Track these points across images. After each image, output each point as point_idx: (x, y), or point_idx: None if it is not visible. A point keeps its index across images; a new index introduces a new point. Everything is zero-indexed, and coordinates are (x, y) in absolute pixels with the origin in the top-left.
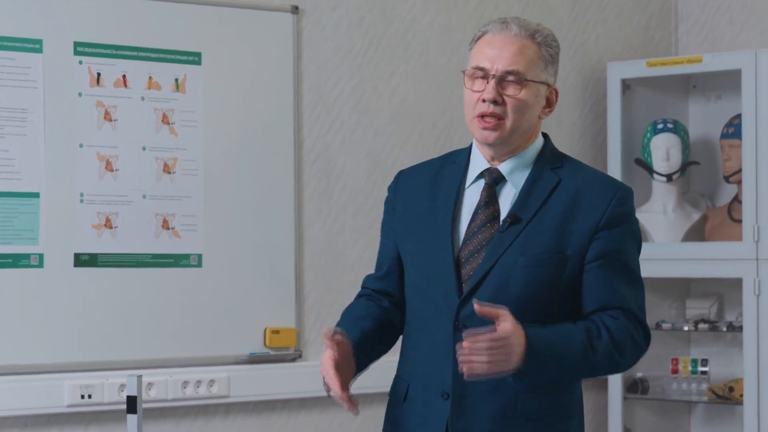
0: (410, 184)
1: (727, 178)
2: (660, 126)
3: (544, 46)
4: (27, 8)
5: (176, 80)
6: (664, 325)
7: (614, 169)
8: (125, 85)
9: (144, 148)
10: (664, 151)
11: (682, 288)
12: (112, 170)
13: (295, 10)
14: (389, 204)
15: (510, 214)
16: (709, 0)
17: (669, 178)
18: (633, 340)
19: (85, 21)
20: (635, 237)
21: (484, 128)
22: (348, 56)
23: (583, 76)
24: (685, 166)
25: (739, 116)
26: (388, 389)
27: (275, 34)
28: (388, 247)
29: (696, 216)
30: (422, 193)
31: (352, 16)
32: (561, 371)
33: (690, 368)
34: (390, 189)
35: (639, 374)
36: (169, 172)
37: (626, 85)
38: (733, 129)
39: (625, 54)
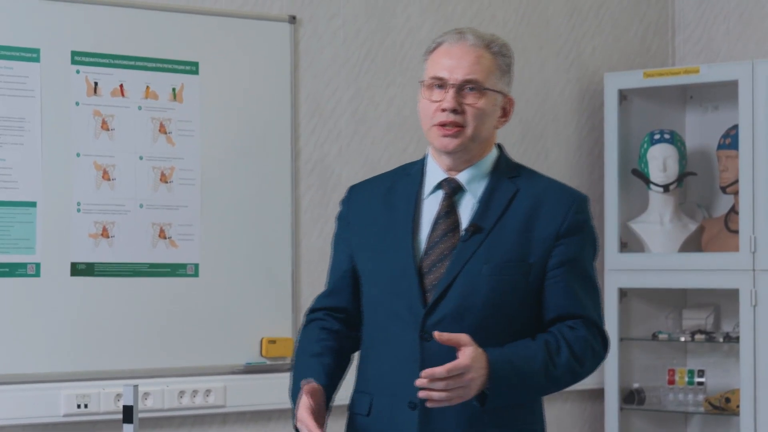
0: (364, 198)
1: (723, 189)
2: (657, 136)
3: (500, 56)
4: (24, 17)
5: (173, 90)
6: (661, 336)
7: (611, 180)
8: (122, 95)
9: (141, 158)
10: (661, 162)
11: (679, 298)
12: (109, 179)
13: (293, 20)
14: (343, 218)
15: (472, 223)
16: (706, 11)
17: (666, 188)
18: (592, 349)
19: (82, 30)
20: (593, 244)
21: (445, 135)
22: (345, 66)
23: (580, 86)
24: (682, 176)
25: (735, 127)
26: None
27: (272, 44)
28: (341, 260)
29: (693, 226)
30: (377, 205)
31: (349, 26)
32: (524, 391)
33: (686, 379)
34: (343, 203)
35: (635, 385)
36: (166, 182)
37: (623, 96)
38: (730, 140)
39: (622, 64)
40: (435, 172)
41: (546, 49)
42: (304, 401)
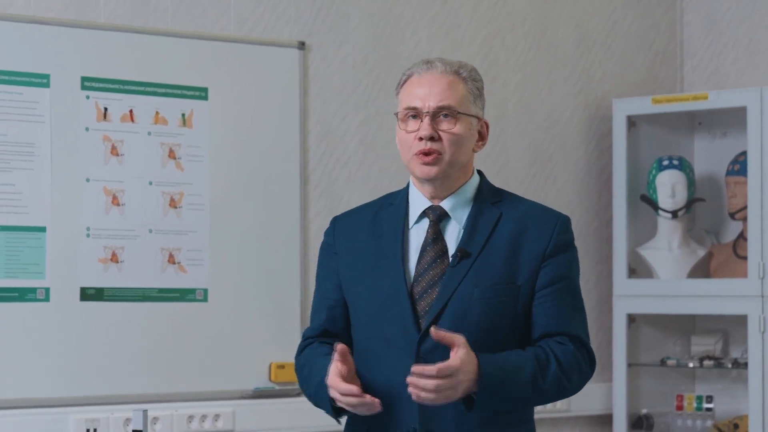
0: (349, 228)
1: (732, 215)
2: (665, 162)
3: (470, 81)
4: (35, 43)
5: (183, 115)
6: (669, 362)
7: (619, 206)
8: (132, 120)
9: (150, 183)
10: (669, 188)
11: (687, 324)
12: (118, 204)
13: (302, 46)
14: (329, 248)
15: (459, 248)
16: (714, 38)
17: (674, 214)
18: (579, 365)
19: (92, 56)
20: (577, 263)
21: (425, 164)
22: (354, 93)
23: (589, 112)
24: (691, 202)
25: (744, 153)
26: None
27: (282, 70)
28: (330, 289)
29: (701, 253)
30: (363, 235)
31: (358, 53)
32: (511, 400)
33: (695, 405)
34: (328, 233)
35: (644, 411)
36: (176, 207)
37: (632, 122)
38: (739, 166)
39: (630, 91)
40: (419, 201)
41: (555, 75)
42: (334, 368)
